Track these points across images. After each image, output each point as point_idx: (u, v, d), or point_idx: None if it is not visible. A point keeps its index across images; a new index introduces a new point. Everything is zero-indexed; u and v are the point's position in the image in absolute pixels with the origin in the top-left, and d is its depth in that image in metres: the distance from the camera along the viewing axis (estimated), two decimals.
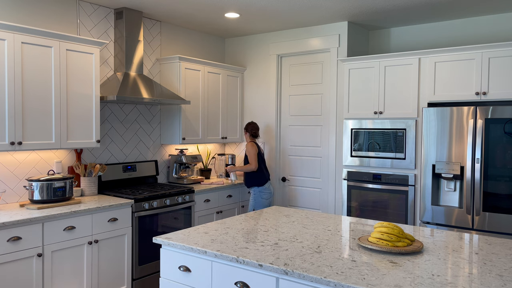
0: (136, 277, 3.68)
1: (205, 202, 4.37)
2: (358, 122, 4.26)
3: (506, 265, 1.93)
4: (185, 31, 4.93)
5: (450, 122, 3.66)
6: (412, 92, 3.98)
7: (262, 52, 5.15)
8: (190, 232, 2.48)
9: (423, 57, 3.93)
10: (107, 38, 4.09)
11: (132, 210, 3.63)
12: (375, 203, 4.16)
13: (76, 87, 3.51)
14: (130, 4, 3.96)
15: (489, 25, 4.21)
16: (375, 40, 4.89)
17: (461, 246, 2.24)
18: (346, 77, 4.37)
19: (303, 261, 1.96)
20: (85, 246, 3.29)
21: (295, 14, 4.24)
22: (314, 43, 4.72)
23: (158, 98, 3.96)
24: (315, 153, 4.80)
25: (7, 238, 2.82)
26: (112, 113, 4.16)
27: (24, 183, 3.51)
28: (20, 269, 2.90)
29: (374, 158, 4.16)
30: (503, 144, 3.43)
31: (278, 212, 3.09)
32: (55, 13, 3.68)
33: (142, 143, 4.46)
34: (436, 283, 1.70)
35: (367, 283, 1.69)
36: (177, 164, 4.63)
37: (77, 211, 3.20)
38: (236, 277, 2.05)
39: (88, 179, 3.77)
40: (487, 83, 3.61)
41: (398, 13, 4.16)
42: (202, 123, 4.73)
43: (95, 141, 3.66)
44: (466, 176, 3.58)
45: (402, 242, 2.12)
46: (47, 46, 3.29)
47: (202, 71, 4.71)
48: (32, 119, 3.22)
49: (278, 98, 5.06)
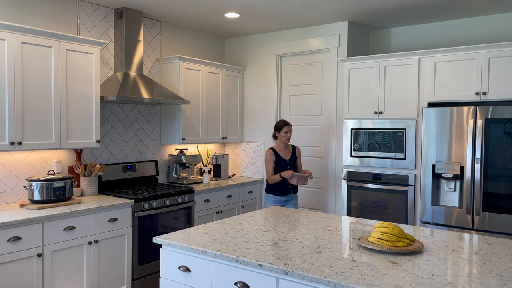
0: (136, 277, 3.68)
1: (205, 202, 4.37)
2: (358, 122, 4.26)
3: (506, 265, 1.93)
4: (185, 31, 4.93)
5: (450, 122, 3.66)
6: (412, 92, 3.98)
7: (262, 52, 5.15)
8: (190, 232, 2.48)
9: (423, 57, 3.93)
10: (107, 38, 4.09)
11: (132, 210, 3.63)
12: (375, 203, 4.16)
13: (76, 87, 3.51)
14: (130, 4, 3.96)
15: (489, 25, 4.21)
16: (375, 40, 4.89)
17: (461, 246, 2.24)
18: (346, 77, 4.37)
19: (303, 261, 1.96)
20: (85, 246, 3.29)
21: (295, 14, 4.24)
22: (314, 43, 4.72)
23: (158, 98, 3.96)
24: (315, 153, 4.80)
25: (7, 238, 2.82)
26: (112, 113, 4.16)
27: (24, 183, 3.51)
28: (20, 269, 2.90)
29: (374, 158, 4.16)
30: (503, 144, 3.43)
31: (278, 212, 3.09)
32: (55, 13, 3.68)
33: (142, 143, 4.46)
34: (436, 283, 1.70)
35: (367, 283, 1.69)
36: (177, 164, 4.63)
37: (77, 211, 3.20)
38: (236, 277, 2.05)
39: (88, 179, 3.77)
40: (487, 83, 3.61)
41: (398, 13, 4.16)
42: (202, 123, 4.73)
43: (95, 141, 3.66)
44: (466, 176, 3.58)
45: (402, 242, 2.12)
46: (47, 46, 3.29)
47: (202, 71, 4.71)
48: (32, 119, 3.22)
49: (278, 98, 5.06)
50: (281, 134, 3.96)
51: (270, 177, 3.94)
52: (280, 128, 3.96)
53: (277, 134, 4.00)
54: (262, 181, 5.13)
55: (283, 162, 3.98)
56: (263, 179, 5.13)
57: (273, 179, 3.93)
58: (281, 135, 3.96)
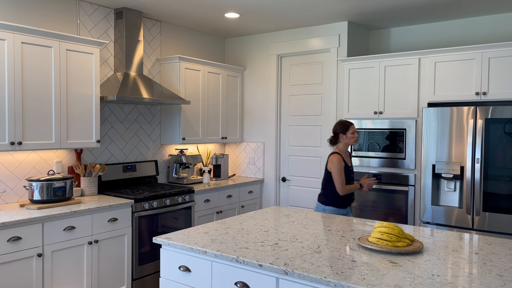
0: (136, 277, 3.68)
1: (205, 202, 4.37)
2: (358, 122, 4.26)
3: (506, 265, 1.93)
4: (185, 31, 4.93)
5: (450, 122, 3.66)
6: (412, 92, 3.98)
7: (262, 52, 5.15)
8: (190, 232, 2.48)
9: (423, 57, 3.93)
10: (107, 38, 4.09)
11: (132, 210, 3.63)
12: (375, 203, 4.16)
13: (76, 87, 3.51)
14: (130, 4, 3.96)
15: (489, 25, 4.21)
16: (375, 40, 4.89)
17: (461, 246, 2.24)
18: (346, 77, 4.37)
19: (303, 261, 1.96)
20: (85, 246, 3.29)
21: (295, 14, 4.24)
22: (314, 43, 4.72)
23: (158, 98, 3.96)
24: (315, 153, 4.80)
25: (7, 238, 2.82)
26: (112, 113, 4.16)
27: (24, 183, 3.51)
28: (20, 269, 2.90)
29: (374, 158, 4.16)
30: (503, 144, 3.43)
31: (278, 212, 3.09)
32: (55, 13, 3.68)
33: (142, 143, 4.46)
34: (436, 283, 1.70)
35: (367, 283, 1.69)
36: (177, 164, 4.63)
37: (77, 211, 3.20)
38: (236, 277, 2.05)
39: (88, 179, 3.77)
40: (487, 83, 3.61)
41: (398, 13, 4.16)
42: (202, 123, 4.73)
43: (95, 141, 3.66)
44: (466, 176, 3.58)
45: (402, 242, 2.12)
46: (47, 46, 3.29)
47: (202, 71, 4.71)
48: (32, 119, 3.22)
49: (278, 98, 5.06)
50: (347, 135, 3.46)
51: (345, 187, 3.39)
52: (346, 129, 3.46)
53: (342, 137, 3.48)
54: (262, 181, 5.14)
55: (349, 169, 3.49)
56: (263, 179, 5.13)
57: (349, 189, 3.40)
58: (348, 137, 3.46)
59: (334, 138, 3.54)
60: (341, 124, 3.50)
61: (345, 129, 3.47)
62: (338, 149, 3.51)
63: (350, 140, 3.48)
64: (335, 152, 3.47)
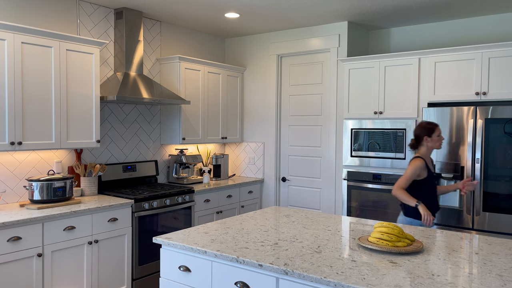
0: (136, 277, 3.68)
1: (205, 202, 4.37)
2: (358, 122, 4.26)
3: (506, 265, 1.93)
4: (185, 31, 4.93)
5: (450, 122, 3.66)
6: (412, 92, 3.98)
7: (262, 52, 5.15)
8: (190, 232, 2.48)
9: (423, 57, 3.93)
10: (107, 38, 4.09)
11: (132, 210, 3.63)
12: (375, 203, 4.16)
13: (76, 87, 3.51)
14: (130, 4, 3.96)
15: (489, 25, 4.21)
16: (375, 40, 4.89)
17: (461, 246, 2.24)
18: (346, 77, 4.37)
19: (303, 261, 1.96)
20: (85, 246, 3.29)
21: (295, 14, 4.24)
22: (314, 43, 4.72)
23: (158, 98, 3.96)
24: (315, 153, 4.80)
25: (7, 238, 2.82)
26: (112, 113, 4.16)
27: (24, 183, 3.51)
28: (20, 269, 2.90)
29: (374, 158, 4.16)
30: (503, 144, 3.43)
31: (278, 212, 3.09)
32: (55, 13, 3.68)
33: (142, 143, 4.46)
34: (436, 283, 1.70)
35: (367, 283, 1.69)
36: (177, 164, 4.63)
37: (77, 211, 3.20)
38: (236, 277, 2.05)
39: (88, 179, 3.77)
40: (487, 83, 3.61)
41: (398, 13, 4.16)
42: (202, 123, 4.73)
43: (95, 141, 3.66)
44: (466, 176, 3.58)
45: (402, 242, 2.12)
46: (47, 46, 3.29)
47: (202, 71, 4.71)
48: (32, 119, 3.22)
49: (278, 98, 5.06)
50: (433, 138, 3.07)
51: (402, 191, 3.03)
52: (432, 131, 3.08)
53: (426, 140, 3.09)
54: (262, 181, 5.14)
55: (432, 175, 3.13)
56: (263, 179, 5.13)
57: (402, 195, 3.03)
58: (434, 140, 3.07)
59: (416, 142, 3.15)
60: (425, 126, 3.11)
61: (430, 132, 3.08)
62: (421, 153, 3.12)
63: (436, 143, 3.09)
64: (418, 156, 3.09)
